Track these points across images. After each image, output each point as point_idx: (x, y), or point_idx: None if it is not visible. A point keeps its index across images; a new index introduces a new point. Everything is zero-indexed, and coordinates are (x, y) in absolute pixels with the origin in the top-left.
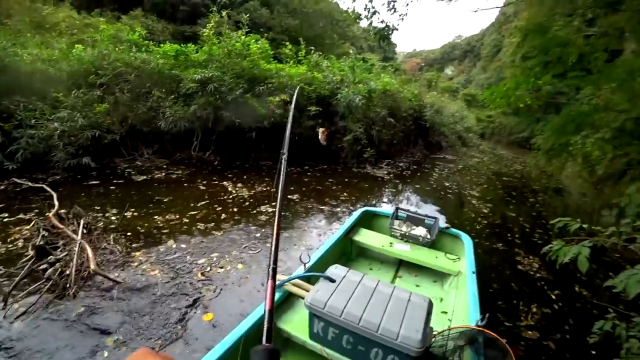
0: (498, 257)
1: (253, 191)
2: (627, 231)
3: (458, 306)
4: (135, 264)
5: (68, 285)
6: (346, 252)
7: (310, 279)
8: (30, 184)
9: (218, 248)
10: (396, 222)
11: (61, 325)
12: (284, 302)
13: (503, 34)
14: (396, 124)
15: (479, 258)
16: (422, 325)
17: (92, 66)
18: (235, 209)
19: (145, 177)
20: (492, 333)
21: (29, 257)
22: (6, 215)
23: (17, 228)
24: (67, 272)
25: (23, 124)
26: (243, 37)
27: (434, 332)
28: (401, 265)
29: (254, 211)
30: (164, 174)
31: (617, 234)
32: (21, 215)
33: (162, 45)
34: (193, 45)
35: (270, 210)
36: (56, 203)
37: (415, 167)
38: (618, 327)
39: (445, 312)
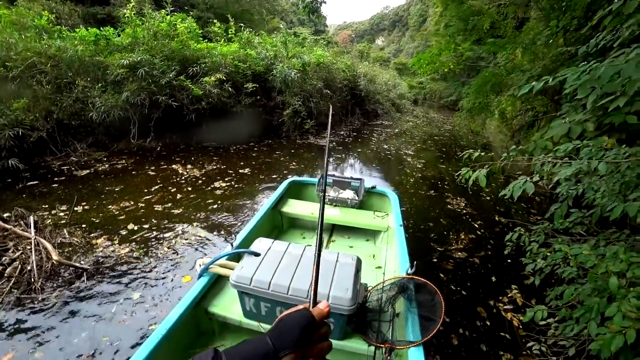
0: (431, 201)
1: (204, 170)
2: (513, 154)
3: (390, 259)
4: (100, 249)
5: (32, 280)
6: (277, 224)
7: (238, 257)
8: None
9: (179, 220)
10: None
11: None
12: (213, 286)
13: (427, 3)
14: (332, 94)
15: (415, 205)
16: (351, 284)
17: None
18: (190, 188)
19: (88, 170)
20: (420, 279)
21: None
22: None
23: None
24: (28, 267)
25: None
26: (167, 16)
27: (369, 288)
28: (334, 229)
29: (209, 188)
30: (107, 165)
31: (507, 158)
32: None
33: (76, 30)
34: (112, 29)
35: (223, 185)
36: None
37: (355, 134)
38: (522, 235)
39: (380, 267)
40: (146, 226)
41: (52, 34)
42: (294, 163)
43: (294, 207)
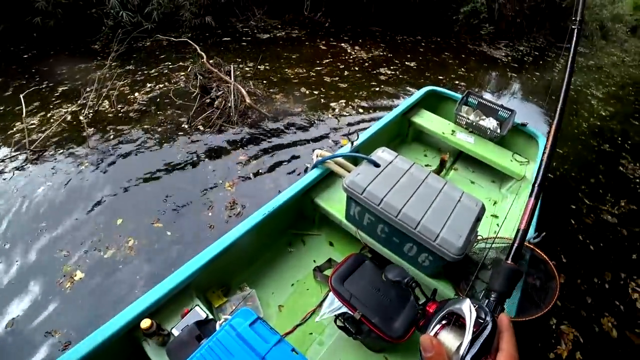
0: (600, 156)
1: (370, 54)
2: None
3: (512, 214)
4: (278, 103)
5: (231, 114)
6: (402, 133)
7: (356, 160)
8: (173, 39)
9: (344, 96)
10: (464, 108)
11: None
12: (324, 179)
13: None
14: None
15: (577, 153)
16: (466, 231)
17: None
18: (357, 68)
19: (268, 35)
20: (542, 254)
21: (195, 93)
22: (169, 63)
23: (177, 73)
24: (229, 104)
25: None
26: None
27: (479, 236)
28: (460, 157)
29: (374, 72)
30: (283, 33)
31: None
32: (180, 63)
33: None
34: None
35: (388, 72)
36: (203, 54)
37: (537, 53)
38: None
39: (496, 217)
40: (316, 92)
41: None
42: (462, 69)
43: (425, 120)
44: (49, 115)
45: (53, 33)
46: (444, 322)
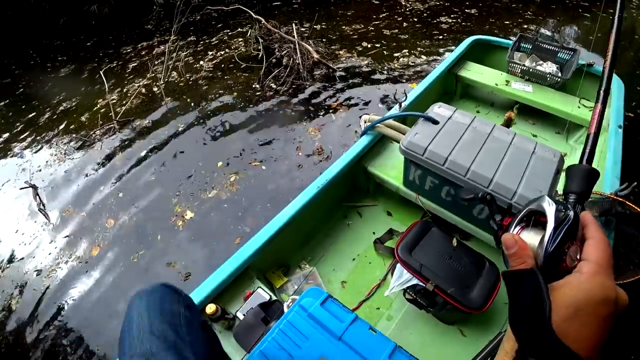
0: None
1: (426, 4)
2: None
3: None
4: (343, 58)
5: (300, 70)
6: (449, 90)
7: (406, 120)
8: (225, 8)
9: (407, 46)
10: (517, 54)
11: (300, 97)
12: (376, 146)
13: None
14: None
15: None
16: (547, 186)
17: None
18: (415, 19)
19: None
20: (635, 207)
21: (259, 55)
22: (227, 31)
23: (235, 39)
24: (297, 61)
25: None
26: None
27: (558, 195)
28: (518, 109)
29: (434, 21)
30: None
31: None
32: (239, 29)
33: None
34: None
35: (449, 20)
36: (260, 17)
37: None
38: None
39: None
40: (377, 45)
41: None
42: (529, 13)
43: (474, 73)
44: (124, 90)
45: (108, 19)
46: (523, 224)
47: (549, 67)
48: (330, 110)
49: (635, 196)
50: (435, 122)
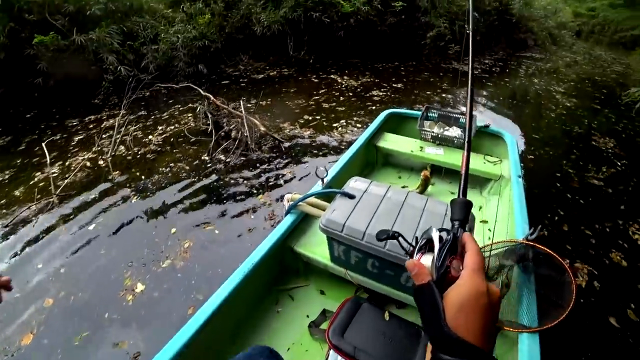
0: (571, 137)
1: (359, 81)
2: None
3: (501, 216)
4: (287, 130)
5: (248, 143)
6: (371, 161)
7: (329, 197)
8: (175, 86)
9: (344, 117)
10: (426, 123)
11: (249, 168)
12: (301, 224)
13: None
14: (480, 19)
15: (550, 136)
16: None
17: None
18: (351, 94)
19: (262, 75)
20: (544, 248)
21: (209, 129)
22: (179, 106)
23: (185, 115)
24: (245, 134)
25: (146, 41)
26: None
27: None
28: (433, 171)
29: (367, 94)
30: (276, 72)
31: None
32: (189, 105)
33: None
34: None
35: (380, 93)
36: (209, 95)
37: (501, 64)
38: None
39: (486, 222)
40: (318, 117)
41: None
42: (445, 85)
43: (392, 143)
44: (67, 163)
45: (53, 92)
46: (422, 250)
47: (454, 132)
48: (280, 177)
49: (542, 238)
50: (352, 197)
